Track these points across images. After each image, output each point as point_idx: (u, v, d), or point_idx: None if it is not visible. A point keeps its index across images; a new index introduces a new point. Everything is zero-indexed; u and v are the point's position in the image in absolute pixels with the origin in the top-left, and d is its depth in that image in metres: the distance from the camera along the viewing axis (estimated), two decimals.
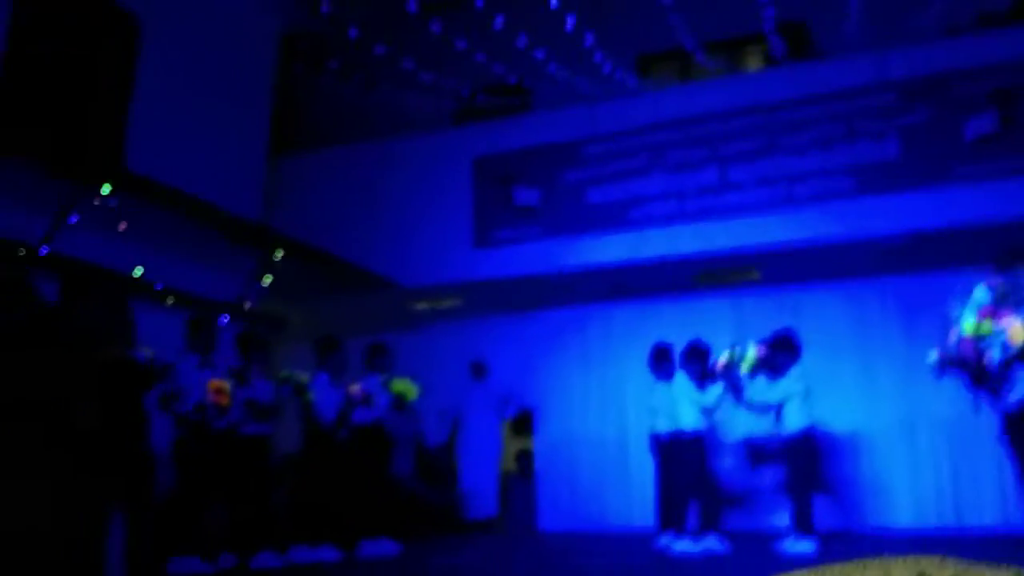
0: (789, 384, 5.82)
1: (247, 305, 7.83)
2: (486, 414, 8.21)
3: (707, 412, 5.98)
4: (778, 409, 5.85)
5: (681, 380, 6.02)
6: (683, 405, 5.93)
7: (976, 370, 3.96)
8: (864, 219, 6.75)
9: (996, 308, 3.69)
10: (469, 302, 8.72)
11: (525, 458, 9.13)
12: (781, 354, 5.88)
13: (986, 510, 6.96)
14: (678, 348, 6.20)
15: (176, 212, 6.36)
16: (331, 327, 9.46)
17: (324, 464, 5.97)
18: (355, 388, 6.14)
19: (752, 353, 5.86)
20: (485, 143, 8.30)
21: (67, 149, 6.08)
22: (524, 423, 9.08)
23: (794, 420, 5.77)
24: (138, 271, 6.46)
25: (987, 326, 3.32)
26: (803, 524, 5.57)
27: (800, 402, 5.78)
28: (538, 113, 8.53)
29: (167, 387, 5.00)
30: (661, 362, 6.24)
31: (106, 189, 5.65)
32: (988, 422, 5.15)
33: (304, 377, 5.95)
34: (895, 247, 6.88)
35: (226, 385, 5.32)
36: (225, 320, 5.63)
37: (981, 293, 4.03)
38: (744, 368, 5.86)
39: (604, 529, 7.81)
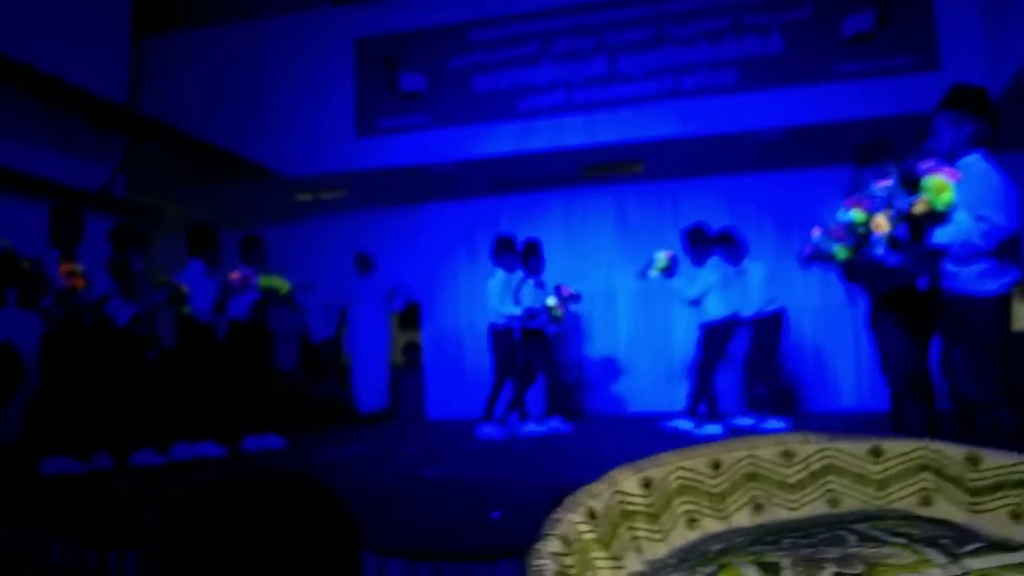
0: (705, 275, 5.99)
1: (112, 194, 7.38)
2: (373, 307, 8.15)
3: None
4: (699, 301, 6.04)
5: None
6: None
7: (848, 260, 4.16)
8: (745, 113, 6.89)
9: (867, 201, 3.84)
10: (353, 193, 8.49)
11: (413, 351, 9.20)
12: (694, 247, 6.07)
13: (844, 394, 7.54)
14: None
15: (31, 92, 5.85)
16: (207, 217, 9.12)
17: (202, 357, 5.80)
18: (235, 275, 5.91)
19: (661, 256, 6.04)
20: (368, 24, 7.90)
21: None
22: (411, 316, 9.10)
23: (713, 310, 5.98)
24: None
25: (858, 214, 3.46)
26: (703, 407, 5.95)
27: (718, 292, 5.97)
28: None
29: (29, 282, 4.69)
30: (502, 253, 6.46)
31: None
32: (850, 313, 5.53)
33: (184, 288, 5.66)
34: (773, 142, 7.08)
35: (78, 267, 4.98)
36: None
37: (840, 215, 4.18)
38: (654, 272, 6.06)
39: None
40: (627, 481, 0.40)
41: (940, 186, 2.93)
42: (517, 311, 6.25)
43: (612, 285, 8.30)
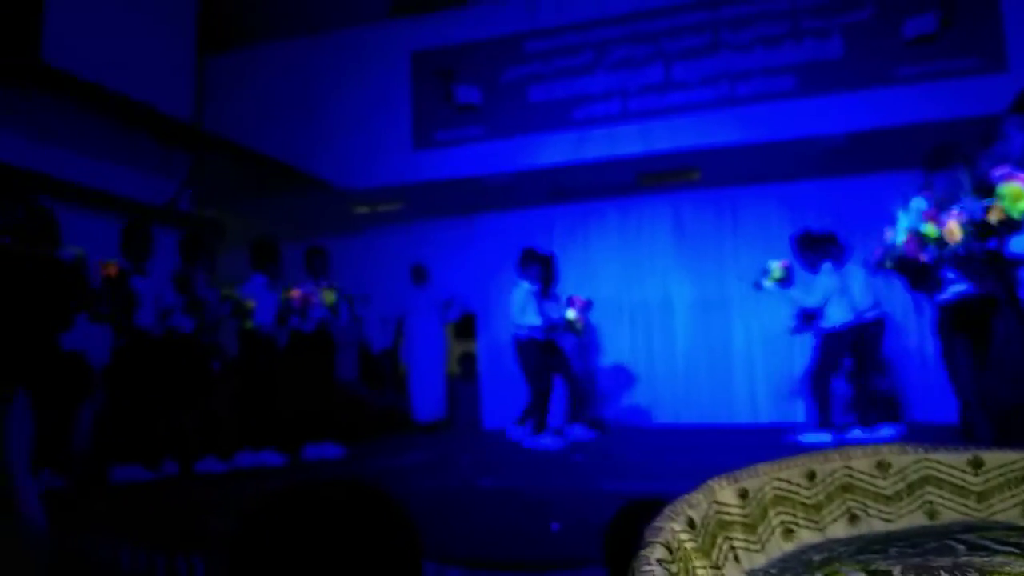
0: (824, 281, 5.84)
1: (178, 208, 7.59)
2: (428, 318, 8.21)
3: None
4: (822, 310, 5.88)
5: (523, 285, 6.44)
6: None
7: (916, 270, 4.07)
8: (804, 118, 6.77)
9: (937, 212, 3.76)
10: (409, 205, 8.59)
11: (468, 360, 9.24)
12: (805, 253, 5.97)
13: (938, 407, 7.29)
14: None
15: (100, 110, 6.06)
16: (268, 231, 9.32)
17: (265, 367, 5.92)
18: (295, 293, 6.04)
19: (775, 266, 6.02)
20: (423, 37, 8.00)
21: None
22: (467, 326, 9.15)
23: (835, 316, 5.82)
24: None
25: (930, 229, 3.38)
26: (821, 417, 5.81)
27: (839, 297, 5.81)
28: (478, 6, 8.23)
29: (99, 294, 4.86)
30: (528, 264, 6.56)
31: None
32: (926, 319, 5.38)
33: (250, 302, 5.80)
34: (833, 148, 6.95)
35: (115, 264, 5.10)
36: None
37: (919, 202, 4.10)
38: (768, 282, 6.03)
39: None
40: (724, 491, 0.40)
41: (1017, 194, 2.84)
42: (538, 322, 6.32)
43: (669, 293, 8.22)
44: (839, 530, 0.40)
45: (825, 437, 5.62)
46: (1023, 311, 3.03)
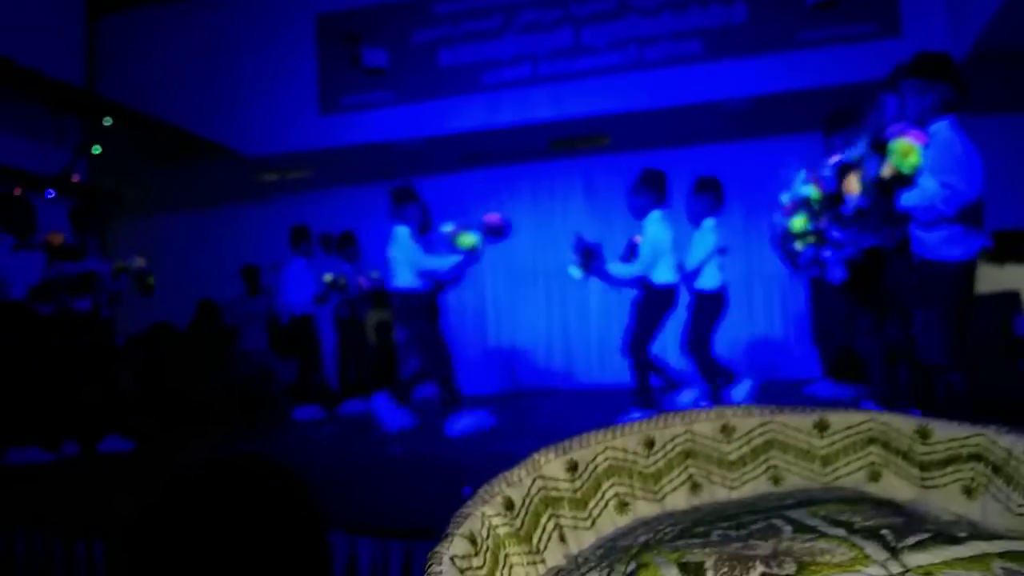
0: (706, 239, 5.29)
1: (75, 178, 7.23)
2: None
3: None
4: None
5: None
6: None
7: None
8: (711, 83, 6.87)
9: (817, 175, 3.88)
10: (318, 172, 8.39)
11: (384, 329, 9.14)
12: (694, 201, 5.44)
13: (813, 361, 7.59)
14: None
15: None
16: (170, 200, 8.98)
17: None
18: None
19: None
20: None
21: None
22: (383, 295, 9.03)
23: (713, 277, 5.31)
24: None
25: (814, 192, 3.50)
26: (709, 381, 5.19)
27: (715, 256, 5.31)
28: None
29: None
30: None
31: None
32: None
33: (141, 262, 5.57)
34: (740, 111, 7.08)
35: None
36: (50, 194, 5.10)
37: (801, 184, 4.21)
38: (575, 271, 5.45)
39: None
40: (551, 464, 0.37)
41: (906, 149, 2.95)
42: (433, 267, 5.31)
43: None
44: (679, 500, 0.38)
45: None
46: (912, 263, 3.16)
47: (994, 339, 6.85)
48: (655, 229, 5.07)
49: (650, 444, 0.39)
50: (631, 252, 5.36)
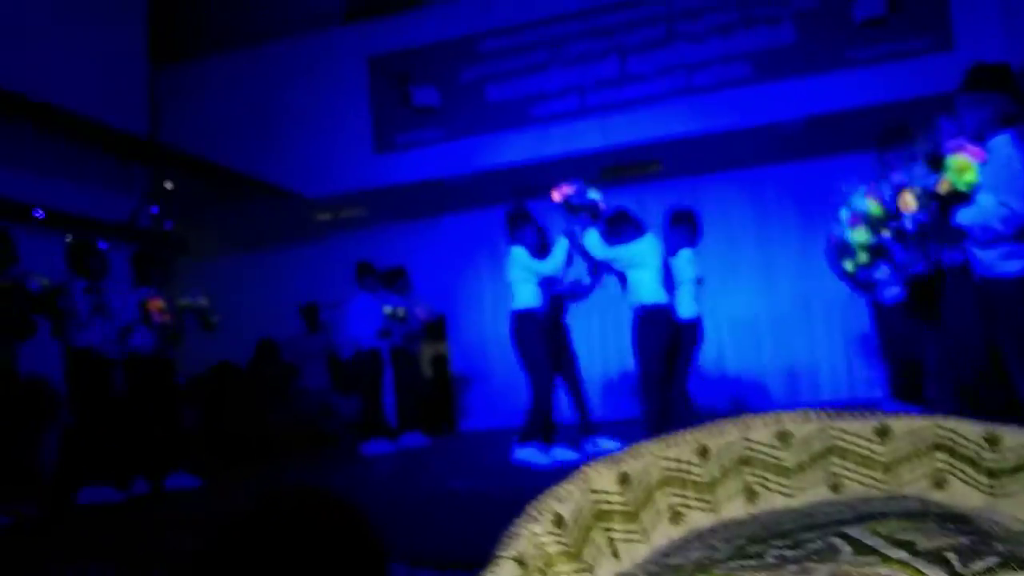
0: (685, 267, 5.18)
1: (138, 224, 7.48)
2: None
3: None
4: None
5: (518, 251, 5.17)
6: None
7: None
8: (761, 105, 6.82)
9: (878, 189, 3.81)
10: (372, 209, 8.52)
11: (440, 362, 9.19)
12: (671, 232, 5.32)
13: (876, 383, 7.39)
14: None
15: (52, 129, 5.93)
16: (231, 242, 9.21)
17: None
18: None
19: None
20: (379, 41, 7.94)
21: None
22: (437, 328, 9.09)
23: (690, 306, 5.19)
24: None
25: (874, 207, 3.44)
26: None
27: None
28: (432, 7, 8.18)
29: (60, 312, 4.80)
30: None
31: None
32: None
33: (204, 301, 5.72)
34: (791, 133, 7.00)
35: (164, 305, 5.19)
36: (104, 246, 5.25)
37: (860, 199, 4.15)
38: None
39: (517, 424, 8.01)
40: (602, 477, 0.36)
41: (963, 165, 2.88)
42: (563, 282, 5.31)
43: None
44: (736, 509, 0.37)
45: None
46: (973, 280, 3.07)
47: None
48: (683, 267, 5.13)
49: (704, 453, 0.37)
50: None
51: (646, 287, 4.78)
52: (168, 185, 7.56)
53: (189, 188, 7.69)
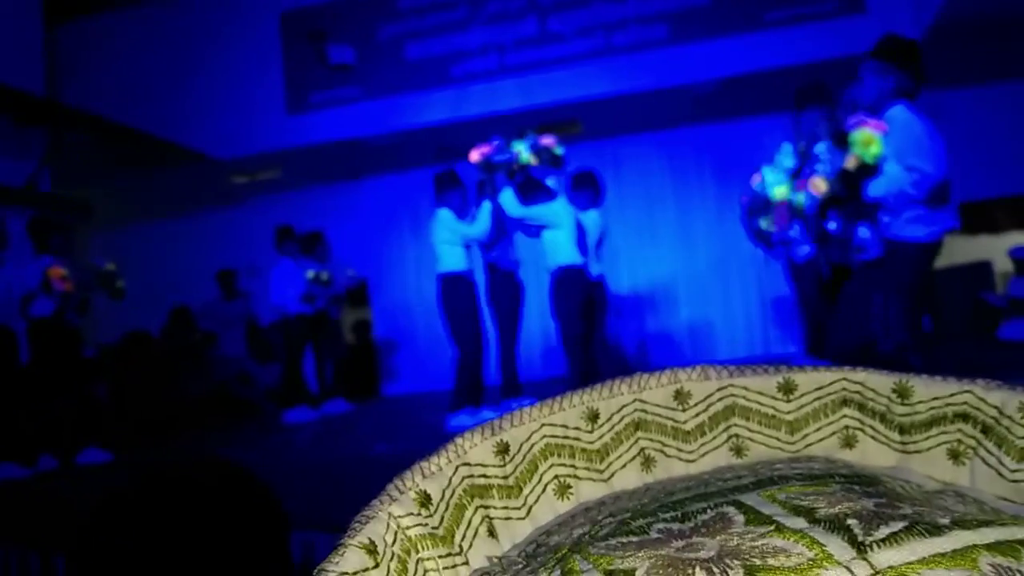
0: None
1: (38, 189, 7.09)
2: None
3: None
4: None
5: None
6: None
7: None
8: (678, 67, 6.85)
9: (802, 171, 3.87)
10: (289, 171, 8.28)
11: (362, 328, 9.08)
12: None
13: (790, 339, 7.63)
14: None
15: None
16: (140, 207, 8.85)
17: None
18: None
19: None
20: None
21: None
22: (359, 293, 8.96)
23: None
24: None
25: (800, 198, 3.51)
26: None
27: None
28: None
29: None
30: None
31: None
32: None
33: (111, 267, 5.47)
34: (709, 94, 7.07)
35: (67, 273, 4.89)
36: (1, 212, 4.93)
37: (787, 157, 4.21)
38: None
39: (444, 387, 8.00)
40: (477, 448, 0.32)
41: (868, 139, 2.94)
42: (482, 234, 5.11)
43: None
44: (630, 478, 0.34)
45: None
46: (888, 254, 3.14)
47: (967, 310, 6.92)
48: (589, 228, 5.20)
49: (594, 417, 0.34)
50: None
51: (561, 248, 4.78)
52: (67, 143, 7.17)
53: (92, 151, 7.32)
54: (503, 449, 0.33)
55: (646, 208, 7.92)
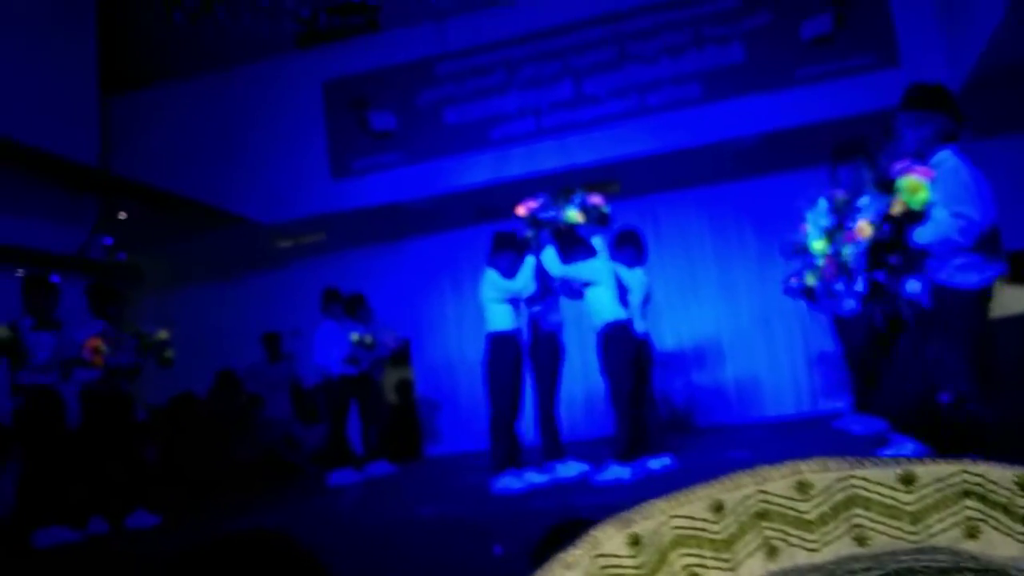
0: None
1: (89, 256, 7.31)
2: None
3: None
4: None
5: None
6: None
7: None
8: (713, 124, 6.91)
9: (841, 221, 3.87)
10: (332, 235, 8.45)
11: (404, 387, 9.10)
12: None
13: (837, 394, 7.49)
14: None
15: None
16: (190, 273, 9.06)
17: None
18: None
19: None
20: (334, 66, 7.90)
21: None
22: (401, 353, 9.01)
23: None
24: None
25: (819, 245, 3.51)
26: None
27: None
28: (387, 32, 8.16)
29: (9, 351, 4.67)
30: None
31: None
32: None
33: (163, 335, 5.60)
34: (744, 150, 7.11)
35: (103, 345, 5.01)
36: (55, 279, 5.09)
37: (821, 216, 4.22)
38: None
39: (486, 447, 7.94)
40: (611, 541, 0.34)
41: (914, 186, 2.93)
42: (532, 289, 5.16)
43: None
44: (755, 567, 0.35)
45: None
46: (939, 303, 3.10)
47: (1019, 363, 6.73)
48: (632, 286, 5.19)
49: (719, 508, 0.35)
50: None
51: (606, 304, 4.79)
52: (122, 215, 7.41)
53: (143, 218, 7.55)
54: (635, 541, 0.34)
55: (687, 265, 7.92)
